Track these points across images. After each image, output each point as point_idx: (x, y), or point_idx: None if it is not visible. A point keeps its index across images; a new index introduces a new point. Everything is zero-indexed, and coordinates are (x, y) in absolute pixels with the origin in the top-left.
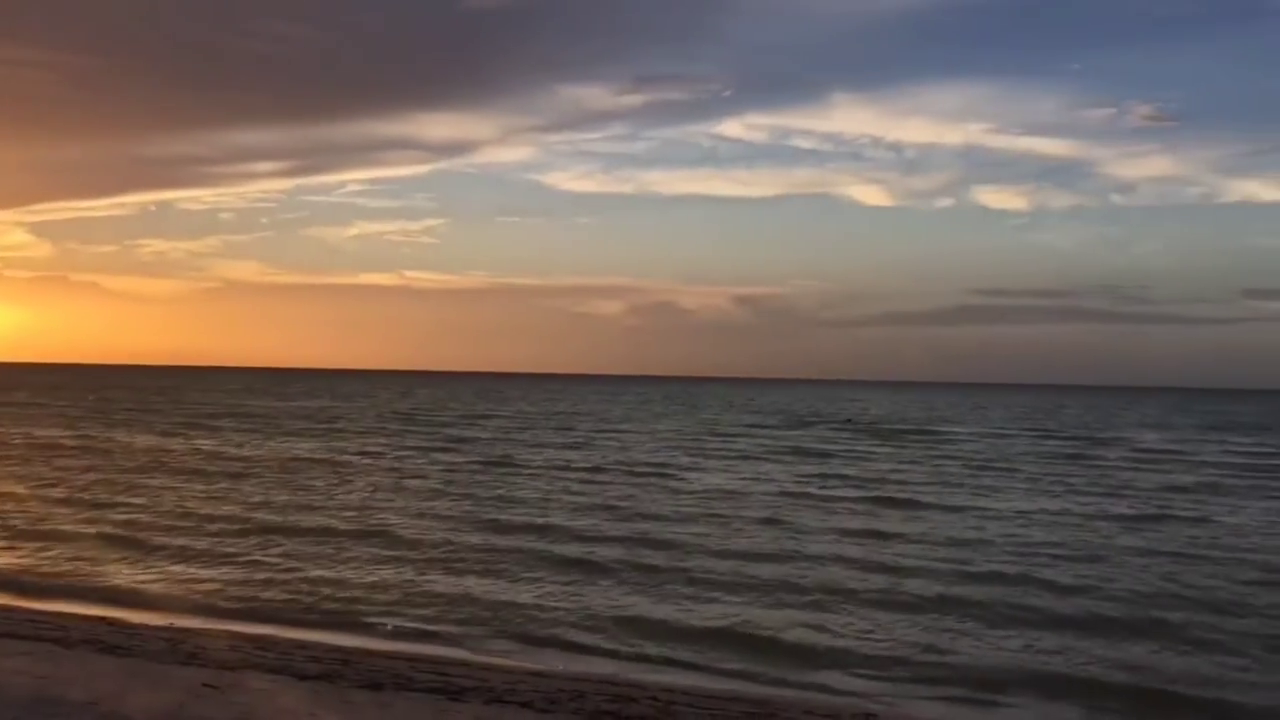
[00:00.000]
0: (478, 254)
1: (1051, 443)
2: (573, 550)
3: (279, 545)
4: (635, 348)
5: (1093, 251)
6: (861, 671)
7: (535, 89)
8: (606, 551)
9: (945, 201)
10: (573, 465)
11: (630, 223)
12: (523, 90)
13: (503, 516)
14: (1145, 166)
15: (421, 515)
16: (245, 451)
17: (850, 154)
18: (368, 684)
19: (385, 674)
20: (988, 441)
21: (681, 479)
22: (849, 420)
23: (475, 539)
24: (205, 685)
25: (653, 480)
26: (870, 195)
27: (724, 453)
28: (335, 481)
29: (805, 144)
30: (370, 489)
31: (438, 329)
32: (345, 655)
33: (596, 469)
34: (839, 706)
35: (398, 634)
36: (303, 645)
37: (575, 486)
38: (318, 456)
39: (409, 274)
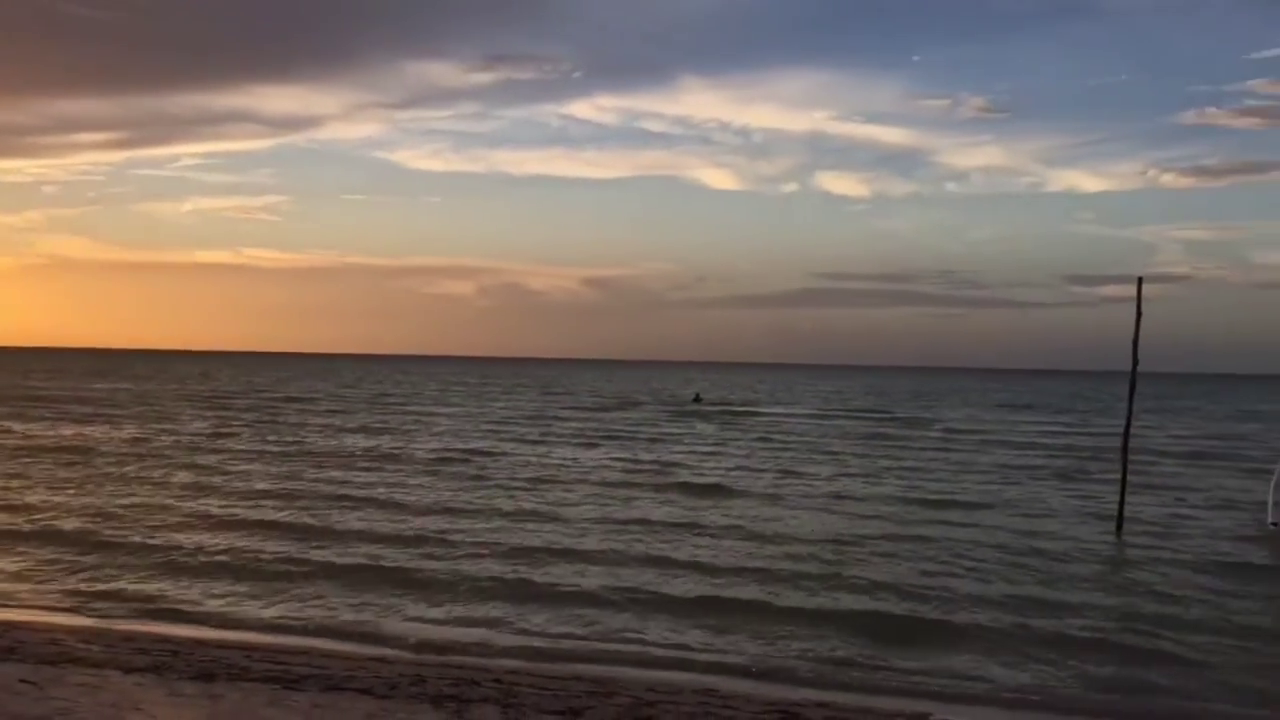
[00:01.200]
0: (322, 232)
1: (855, 422)
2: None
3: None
4: (486, 329)
5: (929, 237)
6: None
7: (383, 65)
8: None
9: (791, 186)
10: (360, 453)
11: (480, 202)
12: (370, 65)
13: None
14: (978, 156)
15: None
16: None
17: (699, 137)
18: (199, 675)
19: (218, 664)
20: (813, 421)
21: (484, 466)
22: (697, 397)
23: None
24: (22, 681)
25: (452, 469)
26: (718, 178)
27: (545, 437)
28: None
29: (655, 126)
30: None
31: (279, 309)
32: (175, 646)
33: (386, 457)
34: (680, 683)
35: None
36: (130, 638)
37: (341, 476)
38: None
39: (248, 252)
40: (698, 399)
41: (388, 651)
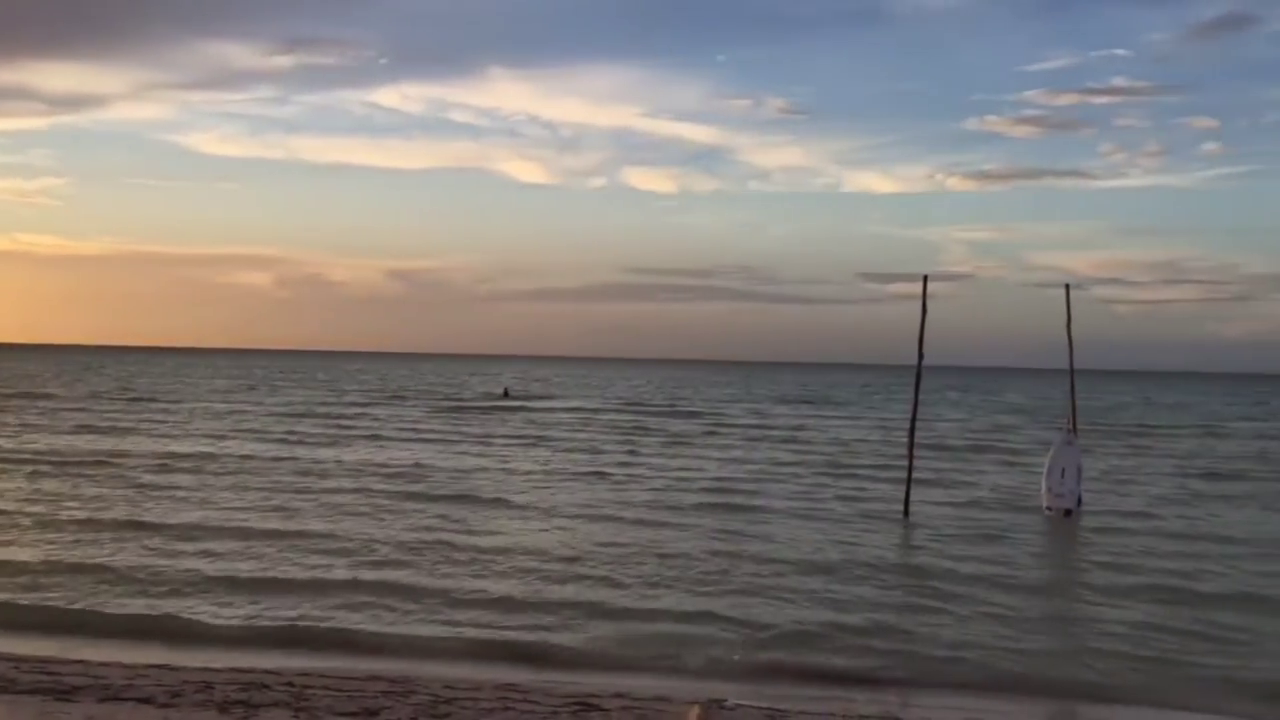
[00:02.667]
0: (106, 218)
1: (638, 417)
2: None
3: None
4: (285, 321)
5: (733, 234)
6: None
7: (174, 43)
8: None
9: (598, 181)
10: (43, 457)
11: (279, 190)
12: (160, 44)
13: None
14: (779, 156)
15: None
16: None
17: (507, 130)
18: None
19: None
20: (591, 416)
21: (200, 470)
22: (506, 392)
23: None
24: None
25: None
26: (526, 171)
27: (288, 436)
28: None
29: (462, 117)
30: None
31: (56, 299)
32: None
33: (67, 462)
34: (479, 680)
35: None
36: None
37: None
38: None
39: (23, 237)
40: (506, 394)
41: (173, 657)
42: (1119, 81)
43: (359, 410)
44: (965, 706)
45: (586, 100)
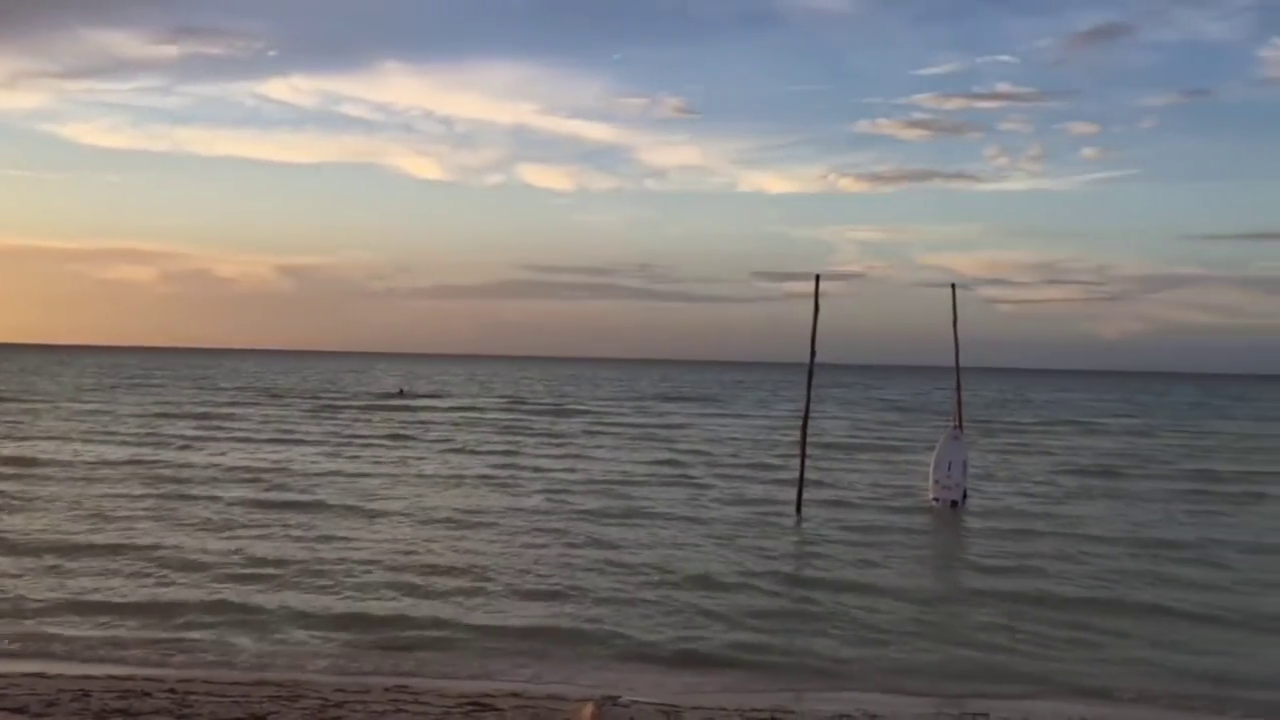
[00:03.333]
0: None
1: (513, 415)
2: None
3: None
4: (169, 318)
5: (630, 232)
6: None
7: (52, 30)
8: None
9: (495, 178)
10: None
11: (164, 183)
12: (38, 30)
13: None
14: (675, 155)
15: None
16: None
17: (401, 125)
18: None
19: None
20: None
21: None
22: (401, 391)
23: None
24: None
25: None
26: (421, 167)
27: (160, 440)
28: None
29: (355, 111)
30: None
31: None
32: None
33: None
34: (369, 683)
35: None
36: None
37: None
38: None
39: None
40: (402, 393)
41: (46, 667)
42: (1004, 87)
43: (230, 410)
44: (855, 700)
45: (483, 96)
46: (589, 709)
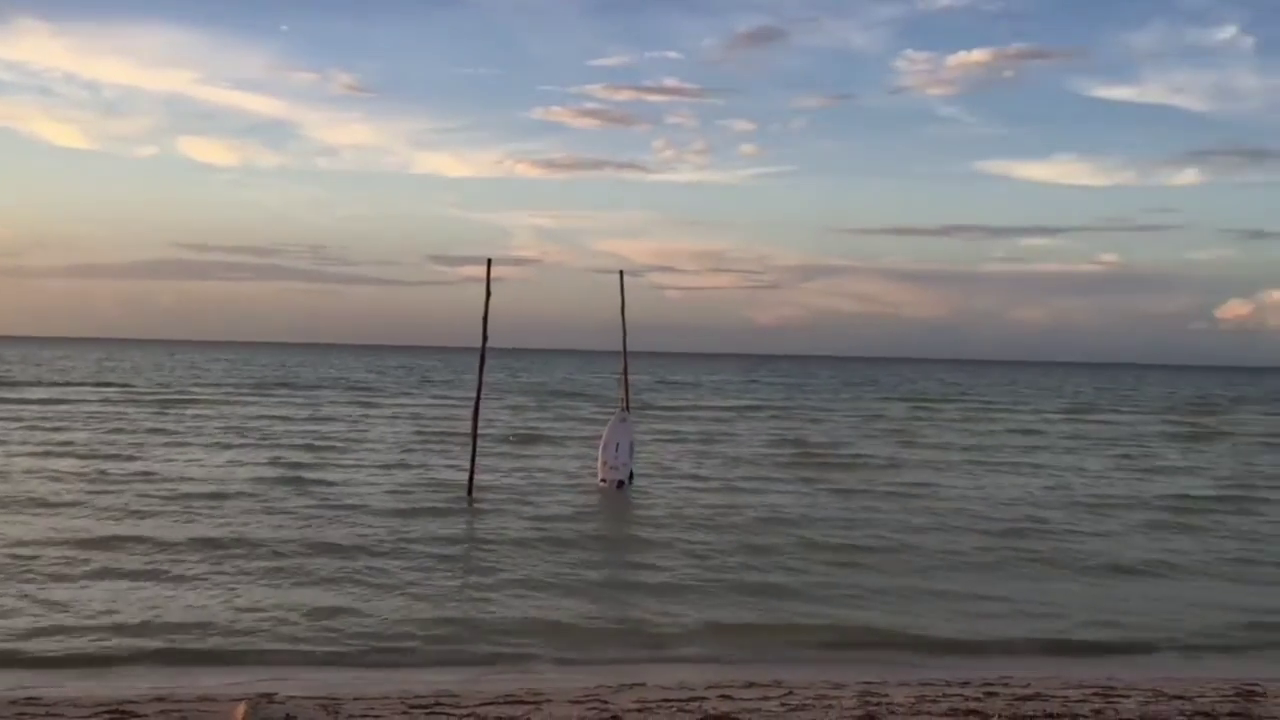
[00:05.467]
0: None
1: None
2: None
3: None
4: None
5: (299, 211)
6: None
7: None
8: None
9: (149, 149)
10: None
11: None
12: None
13: None
14: (348, 133)
15: None
16: None
17: (39, 88)
18: None
19: None
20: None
21: None
22: None
23: None
24: None
25: None
26: (62, 135)
27: None
28: None
29: None
30: None
31: None
32: None
33: None
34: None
35: None
36: None
37: None
38: None
39: None
40: None
41: None
42: (671, 82)
43: None
44: (520, 680)
45: (134, 61)
46: (241, 709)
